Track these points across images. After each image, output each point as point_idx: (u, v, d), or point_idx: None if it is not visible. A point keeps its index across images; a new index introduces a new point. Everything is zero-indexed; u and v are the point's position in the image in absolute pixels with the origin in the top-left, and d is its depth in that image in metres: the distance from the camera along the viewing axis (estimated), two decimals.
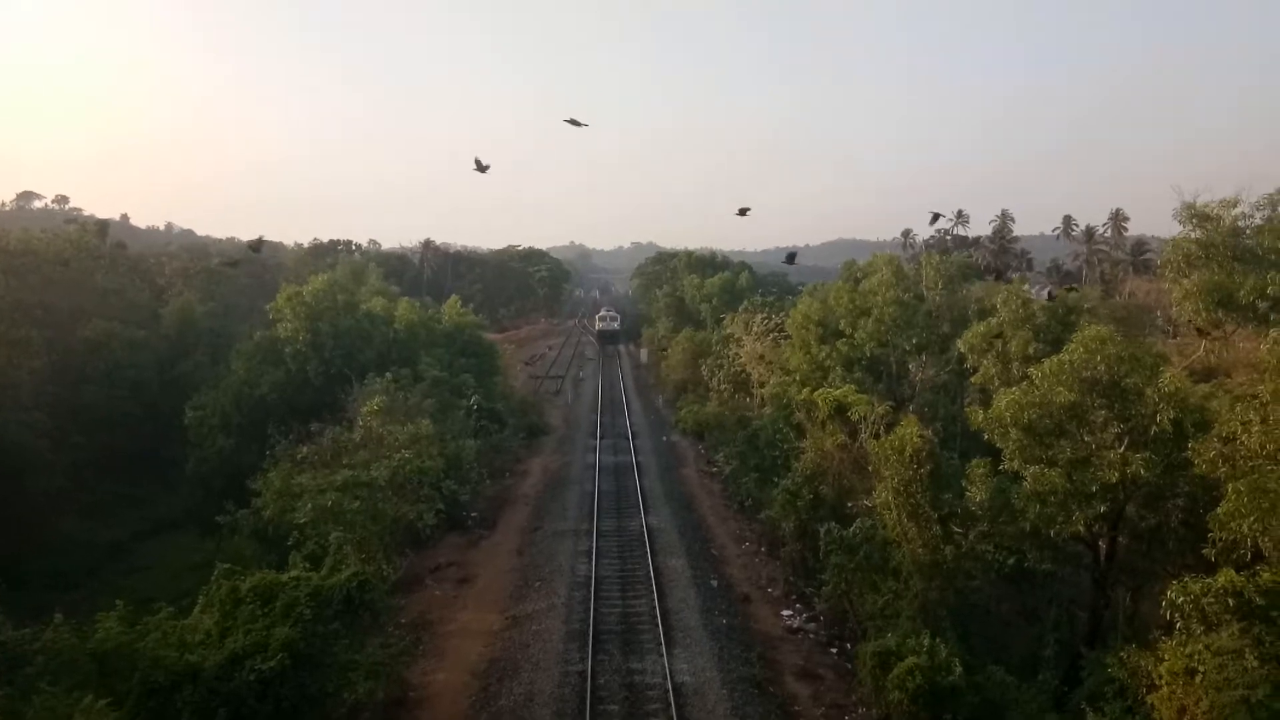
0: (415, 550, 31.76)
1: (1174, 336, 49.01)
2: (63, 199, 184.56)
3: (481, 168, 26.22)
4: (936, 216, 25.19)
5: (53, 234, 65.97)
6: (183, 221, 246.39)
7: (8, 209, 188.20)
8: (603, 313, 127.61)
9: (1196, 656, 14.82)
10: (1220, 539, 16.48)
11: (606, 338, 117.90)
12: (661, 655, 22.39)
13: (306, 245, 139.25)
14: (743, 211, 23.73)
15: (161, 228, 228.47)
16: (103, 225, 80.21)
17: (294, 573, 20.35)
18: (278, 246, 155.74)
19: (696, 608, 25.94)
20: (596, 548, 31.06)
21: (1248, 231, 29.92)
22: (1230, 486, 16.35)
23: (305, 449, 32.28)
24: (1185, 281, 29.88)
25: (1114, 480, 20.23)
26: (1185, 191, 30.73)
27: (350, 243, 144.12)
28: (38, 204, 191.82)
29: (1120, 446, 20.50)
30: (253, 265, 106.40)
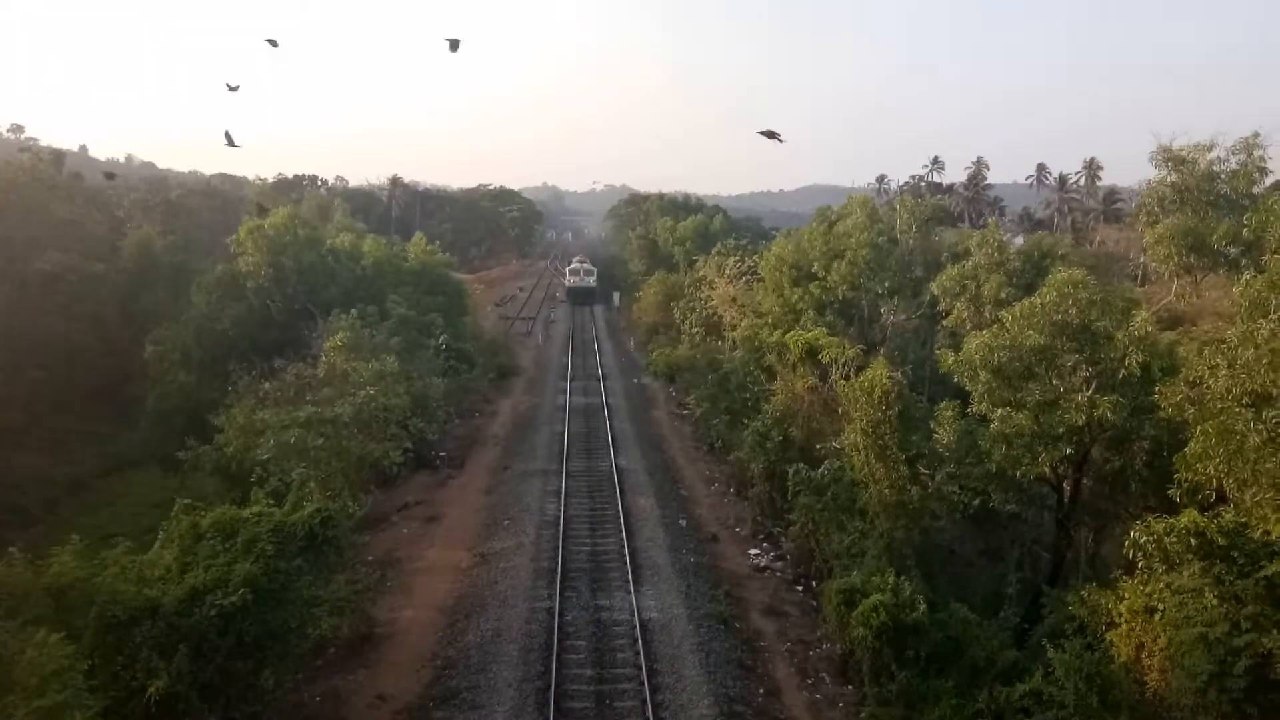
0: (383, 489, 31.54)
1: (1143, 284, 49.31)
2: (18, 128, 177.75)
3: (453, 46, 23.50)
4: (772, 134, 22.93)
5: (4, 162, 63.54)
6: (143, 154, 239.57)
7: None
8: (575, 264, 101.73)
9: (1156, 595, 15.00)
10: (1186, 480, 16.60)
11: (579, 296, 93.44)
12: (629, 592, 22.49)
13: (271, 180, 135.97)
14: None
15: (121, 159, 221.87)
16: (58, 155, 77.44)
17: (256, 509, 19.99)
18: (242, 181, 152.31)
19: (665, 546, 26.03)
20: (566, 488, 31.00)
21: (1222, 176, 29.96)
22: (1198, 429, 16.43)
23: (268, 385, 31.68)
24: (1158, 226, 29.92)
25: (1080, 423, 20.31)
26: (1162, 135, 30.65)
27: (316, 178, 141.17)
28: None
29: (1088, 390, 20.54)
30: (215, 199, 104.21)
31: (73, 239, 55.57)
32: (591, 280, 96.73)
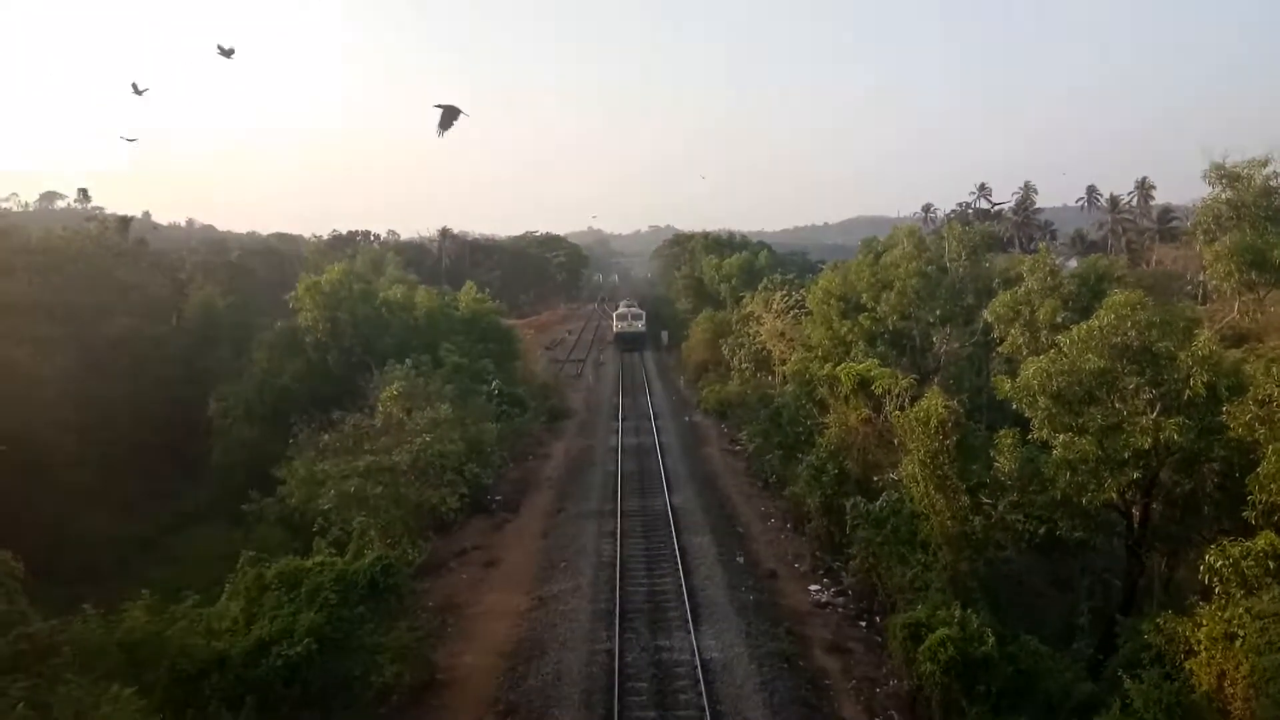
0: (440, 535, 31.76)
1: (1203, 303, 48.09)
2: (85, 197, 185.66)
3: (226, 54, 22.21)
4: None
5: (73, 232, 66.24)
6: (204, 218, 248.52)
7: (31, 209, 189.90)
8: (622, 308, 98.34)
9: (1236, 621, 14.47)
10: (1260, 501, 16.08)
11: (627, 343, 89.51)
12: (689, 632, 22.25)
13: (325, 237, 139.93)
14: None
15: (183, 224, 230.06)
16: (123, 222, 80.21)
17: (318, 558, 20.38)
18: (297, 239, 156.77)
19: (723, 584, 25.78)
20: (621, 528, 30.95)
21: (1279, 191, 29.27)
22: (1270, 448, 15.95)
23: (327, 436, 32.32)
24: (1216, 244, 29.28)
25: (1147, 446, 19.78)
26: (1213, 152, 30.06)
27: (369, 233, 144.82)
28: (60, 204, 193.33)
29: (1153, 412, 20.02)
30: (273, 258, 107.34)
31: (138, 302, 57.57)
32: (640, 325, 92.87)
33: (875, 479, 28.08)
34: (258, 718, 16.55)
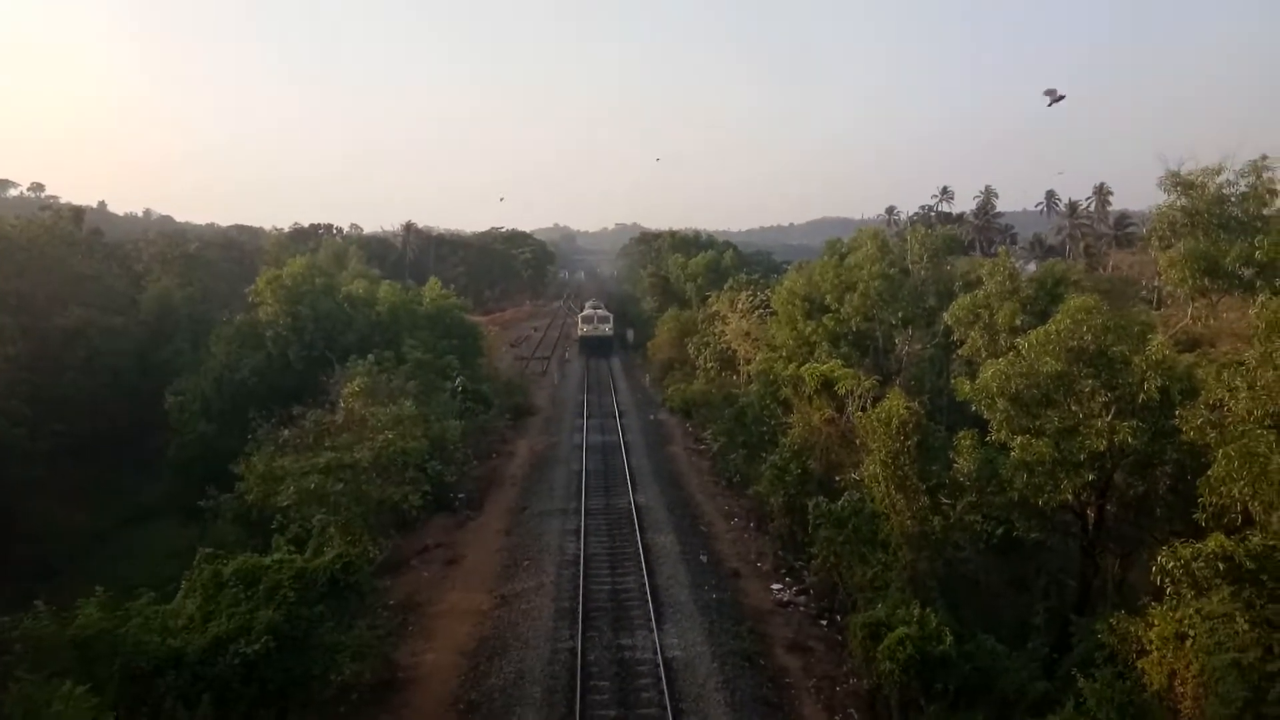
0: (402, 532, 31.51)
1: (1158, 308, 49.07)
2: (38, 186, 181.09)
3: None
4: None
5: (27, 220, 64.70)
6: (161, 208, 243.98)
7: None
8: (588, 309, 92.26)
9: (1187, 621, 14.77)
10: (1210, 504, 16.44)
11: (592, 348, 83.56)
12: (652, 631, 22.34)
13: (287, 230, 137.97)
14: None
15: (140, 214, 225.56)
16: (78, 211, 78.67)
17: (277, 556, 20.13)
18: (258, 231, 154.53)
19: (686, 583, 25.87)
20: (585, 526, 30.93)
21: (1232, 199, 29.89)
22: (1220, 452, 16.29)
23: (287, 432, 31.86)
24: (1171, 250, 29.87)
25: (1101, 449, 20.20)
26: (1169, 160, 30.62)
27: (331, 226, 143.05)
28: (12, 192, 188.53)
29: (1108, 415, 20.44)
30: (232, 250, 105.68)
31: (93, 294, 56.37)
32: (607, 328, 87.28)
33: (837, 479, 28.32)
34: (214, 715, 16.33)
